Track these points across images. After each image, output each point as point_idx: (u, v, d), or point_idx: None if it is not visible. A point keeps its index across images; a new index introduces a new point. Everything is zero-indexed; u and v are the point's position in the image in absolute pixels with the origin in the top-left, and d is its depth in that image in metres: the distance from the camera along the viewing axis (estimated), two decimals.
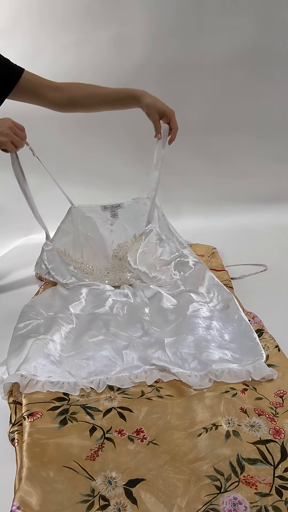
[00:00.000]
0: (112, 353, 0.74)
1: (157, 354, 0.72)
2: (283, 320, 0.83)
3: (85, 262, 1.13)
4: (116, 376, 0.68)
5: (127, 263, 1.06)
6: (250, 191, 1.63)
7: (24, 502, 0.45)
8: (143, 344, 0.76)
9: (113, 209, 1.16)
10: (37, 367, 0.68)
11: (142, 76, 1.44)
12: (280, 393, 0.60)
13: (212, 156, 1.61)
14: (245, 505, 0.44)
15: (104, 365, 0.71)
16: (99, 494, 0.46)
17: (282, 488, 0.45)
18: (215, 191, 1.65)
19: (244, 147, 1.59)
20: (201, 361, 0.69)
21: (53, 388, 0.65)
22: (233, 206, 1.62)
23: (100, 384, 0.66)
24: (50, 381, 0.66)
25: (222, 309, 0.87)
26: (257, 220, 1.51)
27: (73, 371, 0.69)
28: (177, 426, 0.56)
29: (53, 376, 0.67)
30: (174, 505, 0.45)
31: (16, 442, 0.55)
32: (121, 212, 1.16)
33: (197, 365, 0.68)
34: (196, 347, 0.73)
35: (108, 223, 1.16)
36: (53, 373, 0.68)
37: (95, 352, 0.74)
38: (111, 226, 1.16)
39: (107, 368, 0.70)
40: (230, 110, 1.53)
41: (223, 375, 0.65)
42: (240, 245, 1.33)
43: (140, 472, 0.49)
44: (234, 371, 0.65)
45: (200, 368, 0.67)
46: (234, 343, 0.75)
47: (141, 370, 0.69)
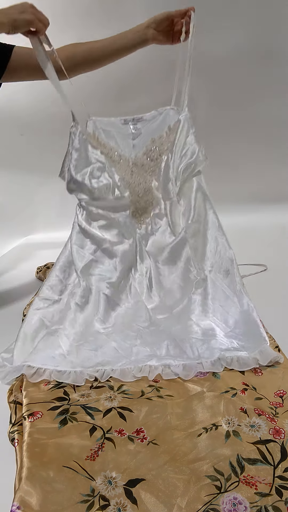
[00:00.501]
0: (121, 344, 0.76)
1: (165, 346, 0.75)
2: (283, 320, 0.83)
3: (113, 149, 1.00)
4: (121, 368, 0.70)
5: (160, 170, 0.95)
6: (250, 191, 1.63)
7: (24, 502, 0.45)
8: (151, 334, 0.78)
9: (134, 122, 1.03)
10: (46, 358, 0.72)
11: (142, 76, 1.44)
12: (280, 393, 0.60)
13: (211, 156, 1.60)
14: (245, 505, 0.44)
15: (111, 356, 0.74)
16: (99, 494, 0.46)
17: (282, 488, 0.45)
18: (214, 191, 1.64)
19: (244, 147, 1.59)
20: (210, 347, 0.73)
21: (60, 377, 0.68)
22: (233, 206, 1.62)
23: (105, 374, 0.69)
24: (57, 370, 0.69)
25: (223, 278, 0.87)
26: (257, 220, 1.51)
27: (80, 361, 0.72)
28: (177, 426, 0.56)
29: (60, 366, 0.70)
30: (174, 505, 0.45)
31: (16, 442, 0.55)
32: (143, 125, 1.03)
33: (206, 350, 0.72)
34: (203, 335, 0.76)
35: (130, 137, 1.02)
36: (60, 363, 0.71)
37: (105, 342, 0.77)
38: (132, 141, 1.02)
39: (114, 359, 0.73)
40: (230, 110, 1.53)
41: (232, 362, 0.68)
42: (240, 245, 1.32)
43: (140, 472, 0.49)
44: (243, 358, 0.69)
45: (209, 354, 0.71)
46: (238, 328, 0.77)
47: (145, 365, 0.70)
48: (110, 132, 1.02)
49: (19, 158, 1.68)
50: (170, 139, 0.95)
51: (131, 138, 1.02)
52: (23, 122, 1.62)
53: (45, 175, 1.70)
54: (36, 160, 1.68)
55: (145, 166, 0.99)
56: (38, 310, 0.85)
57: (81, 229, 0.94)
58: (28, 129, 1.63)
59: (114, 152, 1.00)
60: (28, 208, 1.77)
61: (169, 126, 0.98)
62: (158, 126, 1.01)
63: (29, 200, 1.76)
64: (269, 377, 0.64)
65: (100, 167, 0.92)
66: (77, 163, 0.92)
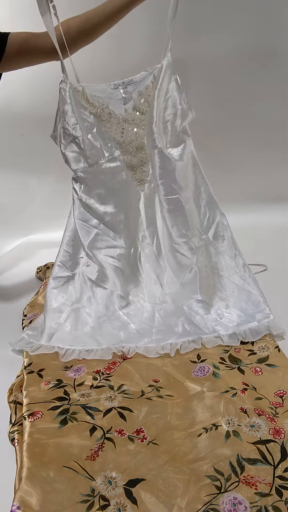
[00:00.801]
0: (141, 326, 0.82)
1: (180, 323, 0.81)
2: (283, 320, 0.83)
3: (103, 106, 0.96)
4: (144, 346, 0.77)
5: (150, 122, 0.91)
6: (250, 191, 1.62)
7: (24, 502, 0.45)
8: (165, 311, 0.84)
9: (124, 86, 0.98)
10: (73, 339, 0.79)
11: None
12: (280, 393, 0.60)
13: (211, 156, 1.60)
14: (245, 505, 0.44)
15: (134, 335, 0.80)
16: (99, 494, 0.46)
17: (282, 488, 0.45)
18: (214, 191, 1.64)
19: (244, 147, 1.59)
20: (221, 322, 0.79)
21: (88, 355, 0.76)
22: (233, 206, 1.61)
23: (130, 350, 0.76)
24: (85, 349, 0.77)
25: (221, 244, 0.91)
26: (257, 220, 1.51)
27: (105, 339, 0.79)
28: (177, 426, 0.56)
29: (87, 345, 0.78)
30: (174, 505, 0.45)
31: (16, 442, 0.55)
32: (133, 88, 0.98)
33: (218, 325, 0.79)
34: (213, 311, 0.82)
35: (121, 102, 0.98)
36: (86, 342, 0.78)
37: (126, 323, 0.83)
38: (124, 106, 0.98)
39: (137, 338, 0.79)
40: (230, 110, 1.53)
41: (246, 335, 0.75)
42: (240, 245, 1.33)
43: (140, 472, 0.49)
44: (254, 328, 0.76)
45: (223, 329, 0.78)
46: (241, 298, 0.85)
47: (167, 343, 0.77)
48: (100, 99, 0.98)
49: (19, 158, 1.68)
50: (156, 88, 0.91)
51: (122, 103, 0.98)
52: (23, 122, 1.62)
53: (45, 175, 1.70)
54: (36, 160, 1.68)
55: (136, 121, 0.96)
56: (55, 289, 0.87)
57: (82, 203, 0.92)
58: (28, 129, 1.63)
59: (104, 110, 0.95)
60: (28, 208, 1.77)
61: (154, 75, 0.95)
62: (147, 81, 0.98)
63: (29, 200, 1.76)
64: (269, 377, 0.64)
65: (88, 127, 0.89)
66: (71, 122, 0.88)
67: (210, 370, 0.67)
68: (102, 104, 0.95)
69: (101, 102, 0.95)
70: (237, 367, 0.68)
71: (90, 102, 0.95)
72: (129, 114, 0.96)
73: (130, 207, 0.92)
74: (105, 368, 0.72)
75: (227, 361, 0.70)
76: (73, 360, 0.75)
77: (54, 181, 1.67)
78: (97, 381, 0.68)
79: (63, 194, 1.18)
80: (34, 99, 1.57)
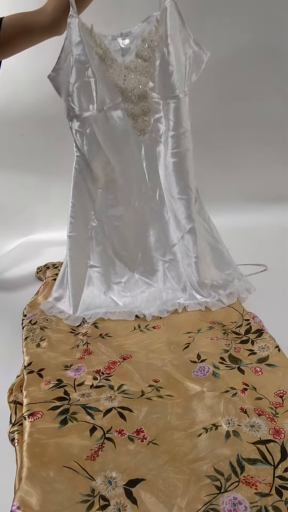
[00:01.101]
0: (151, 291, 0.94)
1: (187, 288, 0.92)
2: (283, 320, 0.83)
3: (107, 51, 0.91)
4: (158, 308, 0.89)
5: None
6: (250, 191, 1.63)
7: (24, 502, 0.45)
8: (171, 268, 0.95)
9: (123, 37, 0.93)
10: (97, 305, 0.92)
11: None
12: (280, 393, 0.60)
13: (212, 156, 1.61)
14: (245, 505, 0.44)
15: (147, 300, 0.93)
16: (99, 494, 0.46)
17: (282, 488, 0.45)
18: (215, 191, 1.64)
19: (245, 147, 1.59)
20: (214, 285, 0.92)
21: (113, 316, 0.88)
22: (233, 206, 1.62)
23: (147, 315, 0.87)
24: (110, 311, 0.88)
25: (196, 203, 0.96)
26: (257, 220, 1.51)
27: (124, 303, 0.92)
28: (177, 426, 0.56)
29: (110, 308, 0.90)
30: (174, 505, 0.45)
31: (16, 442, 0.55)
32: (132, 40, 0.94)
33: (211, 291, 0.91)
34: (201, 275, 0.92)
35: (119, 54, 0.93)
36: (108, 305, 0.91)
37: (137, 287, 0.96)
38: (122, 58, 0.94)
39: (150, 302, 0.92)
40: (230, 110, 1.53)
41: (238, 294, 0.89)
42: (240, 245, 1.33)
43: (140, 472, 0.49)
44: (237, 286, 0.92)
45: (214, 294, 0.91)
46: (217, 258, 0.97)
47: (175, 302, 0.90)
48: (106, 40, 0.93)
49: (19, 158, 1.68)
50: (160, 33, 0.87)
51: (120, 54, 0.93)
52: (23, 122, 1.62)
53: (45, 175, 1.70)
54: (36, 160, 1.68)
55: (138, 68, 0.90)
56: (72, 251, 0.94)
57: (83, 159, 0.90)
58: (28, 129, 1.63)
59: (107, 54, 0.90)
60: (28, 208, 1.77)
61: (157, 19, 0.88)
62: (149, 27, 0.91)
63: (29, 200, 1.76)
64: (269, 377, 0.64)
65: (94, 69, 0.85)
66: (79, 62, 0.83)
67: (210, 370, 0.67)
68: (107, 48, 0.90)
69: (106, 45, 0.90)
70: (237, 367, 0.68)
71: (97, 43, 0.89)
72: (132, 61, 0.90)
73: (132, 159, 0.90)
74: (105, 367, 0.72)
75: (227, 361, 0.70)
76: (73, 359, 0.75)
77: (54, 181, 1.67)
78: (97, 381, 0.68)
79: (63, 194, 1.18)
80: (34, 99, 1.57)
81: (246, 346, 0.73)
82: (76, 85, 0.85)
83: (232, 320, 0.83)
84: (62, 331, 0.87)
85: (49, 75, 0.87)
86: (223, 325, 0.82)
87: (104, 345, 0.79)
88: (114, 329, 0.86)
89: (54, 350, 0.78)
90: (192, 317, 0.86)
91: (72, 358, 0.76)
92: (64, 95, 0.88)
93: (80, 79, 0.84)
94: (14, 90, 1.56)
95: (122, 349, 0.78)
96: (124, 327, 0.86)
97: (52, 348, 0.79)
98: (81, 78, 0.84)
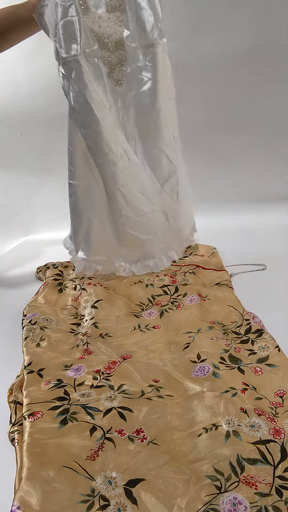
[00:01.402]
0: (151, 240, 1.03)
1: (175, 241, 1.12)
2: (283, 320, 0.83)
3: None
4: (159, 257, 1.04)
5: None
6: (250, 191, 1.63)
7: (24, 502, 0.45)
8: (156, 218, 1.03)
9: None
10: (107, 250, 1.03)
11: None
12: (280, 393, 0.60)
13: (212, 156, 1.61)
14: (245, 505, 0.44)
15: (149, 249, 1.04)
16: (99, 494, 0.46)
17: (282, 488, 0.45)
18: (215, 191, 1.64)
19: (245, 147, 1.59)
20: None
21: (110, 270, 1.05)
22: (233, 206, 1.62)
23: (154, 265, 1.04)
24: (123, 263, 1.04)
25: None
26: (257, 220, 1.51)
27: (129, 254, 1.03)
28: (177, 426, 0.56)
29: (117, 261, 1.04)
30: (174, 505, 0.45)
31: (16, 442, 0.55)
32: None
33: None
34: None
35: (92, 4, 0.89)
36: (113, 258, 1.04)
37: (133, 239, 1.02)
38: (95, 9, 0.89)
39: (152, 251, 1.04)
40: (231, 111, 1.53)
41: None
42: (240, 245, 1.33)
43: (140, 472, 0.49)
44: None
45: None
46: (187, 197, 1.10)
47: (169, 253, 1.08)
48: None
49: (19, 158, 1.68)
50: None
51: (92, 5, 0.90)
52: (23, 122, 1.62)
53: (45, 175, 1.70)
54: (36, 160, 1.68)
55: (112, 19, 0.87)
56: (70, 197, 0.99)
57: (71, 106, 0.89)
58: (28, 129, 1.63)
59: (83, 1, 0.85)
60: (28, 208, 1.77)
61: None
62: None
63: (29, 200, 1.76)
64: (269, 377, 0.64)
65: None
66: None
67: (210, 370, 0.67)
68: None
69: None
70: (237, 367, 0.68)
71: None
72: (104, 13, 0.88)
73: (111, 110, 0.88)
74: (105, 367, 0.72)
75: (227, 361, 0.70)
76: (73, 359, 0.75)
77: (54, 181, 1.67)
78: (97, 381, 0.68)
79: (63, 194, 1.18)
80: (34, 99, 1.58)
81: (246, 346, 0.73)
82: (61, 24, 0.82)
83: (232, 320, 0.83)
84: (62, 331, 0.86)
85: (34, 14, 0.84)
86: (223, 325, 0.82)
87: (104, 345, 0.79)
88: (114, 329, 0.86)
89: (54, 350, 0.78)
90: (192, 317, 0.86)
91: (72, 358, 0.76)
92: (52, 35, 0.85)
93: (64, 18, 0.81)
94: (14, 90, 1.56)
95: (122, 349, 0.78)
96: (124, 327, 0.86)
97: (52, 348, 0.79)
98: (65, 16, 0.81)
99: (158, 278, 1.04)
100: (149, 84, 0.88)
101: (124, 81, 0.89)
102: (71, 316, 0.94)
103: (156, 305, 0.94)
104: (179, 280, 1.03)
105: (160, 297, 0.97)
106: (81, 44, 0.82)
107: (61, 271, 1.16)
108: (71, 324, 0.90)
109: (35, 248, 1.56)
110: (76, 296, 1.02)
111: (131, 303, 0.97)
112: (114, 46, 0.87)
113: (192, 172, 1.65)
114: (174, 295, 0.97)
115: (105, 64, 0.88)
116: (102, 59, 0.86)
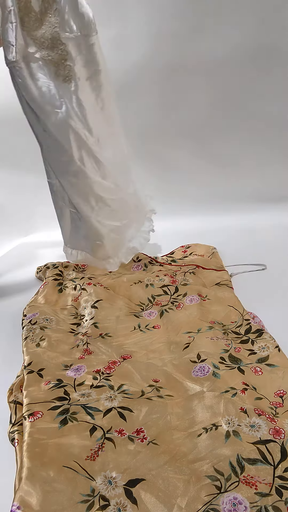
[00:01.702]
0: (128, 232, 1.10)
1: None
2: (283, 320, 0.83)
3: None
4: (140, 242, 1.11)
5: None
6: (250, 191, 1.63)
7: (24, 502, 0.45)
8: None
9: None
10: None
11: (142, 76, 1.44)
12: (280, 393, 0.60)
13: (212, 156, 1.61)
14: (245, 505, 0.44)
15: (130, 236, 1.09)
16: (99, 494, 0.46)
17: (282, 488, 0.45)
18: (215, 191, 1.64)
19: (245, 147, 1.59)
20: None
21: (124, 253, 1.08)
22: (233, 206, 1.62)
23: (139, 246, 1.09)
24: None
25: None
26: (257, 220, 1.51)
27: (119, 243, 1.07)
28: (177, 426, 0.56)
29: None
30: (174, 505, 0.45)
31: (16, 442, 0.55)
32: None
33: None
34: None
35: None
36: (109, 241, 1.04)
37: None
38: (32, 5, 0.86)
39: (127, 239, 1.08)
40: (230, 110, 1.53)
41: None
42: (240, 245, 1.33)
43: (140, 472, 0.49)
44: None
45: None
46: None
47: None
48: None
49: (19, 158, 1.68)
50: None
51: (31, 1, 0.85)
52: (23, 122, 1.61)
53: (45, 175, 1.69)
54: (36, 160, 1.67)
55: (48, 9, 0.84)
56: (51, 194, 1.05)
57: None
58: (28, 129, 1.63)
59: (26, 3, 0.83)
60: (28, 208, 1.77)
61: None
62: None
63: (28, 200, 1.76)
64: (269, 377, 0.65)
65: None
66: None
67: (210, 370, 0.67)
68: None
69: None
70: (237, 367, 0.68)
71: None
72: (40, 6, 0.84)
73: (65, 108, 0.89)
74: (105, 367, 0.72)
75: (227, 361, 0.70)
76: (73, 359, 0.75)
77: None
78: (97, 381, 0.68)
79: None
80: None
81: (246, 346, 0.73)
82: (1, 31, 0.82)
83: (232, 320, 0.83)
84: (62, 331, 0.86)
85: None
86: (223, 325, 0.82)
87: (104, 345, 0.79)
88: (114, 329, 0.86)
89: (54, 350, 0.78)
90: (192, 317, 0.86)
91: (72, 358, 0.76)
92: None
93: (4, 25, 0.81)
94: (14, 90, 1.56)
95: (122, 349, 0.78)
96: (124, 327, 0.86)
97: (52, 348, 0.78)
98: (5, 23, 0.81)
99: (158, 278, 1.04)
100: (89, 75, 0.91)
101: (73, 77, 0.89)
102: (71, 316, 0.94)
103: (156, 305, 0.94)
104: (179, 280, 1.03)
105: (160, 297, 0.97)
106: (17, 50, 0.83)
107: (61, 271, 1.16)
108: (71, 324, 0.90)
109: (35, 248, 1.57)
110: (76, 296, 1.02)
111: (131, 303, 0.97)
112: (50, 42, 0.86)
113: (192, 172, 1.65)
114: (174, 295, 0.97)
115: (48, 64, 0.87)
116: (43, 59, 0.87)
